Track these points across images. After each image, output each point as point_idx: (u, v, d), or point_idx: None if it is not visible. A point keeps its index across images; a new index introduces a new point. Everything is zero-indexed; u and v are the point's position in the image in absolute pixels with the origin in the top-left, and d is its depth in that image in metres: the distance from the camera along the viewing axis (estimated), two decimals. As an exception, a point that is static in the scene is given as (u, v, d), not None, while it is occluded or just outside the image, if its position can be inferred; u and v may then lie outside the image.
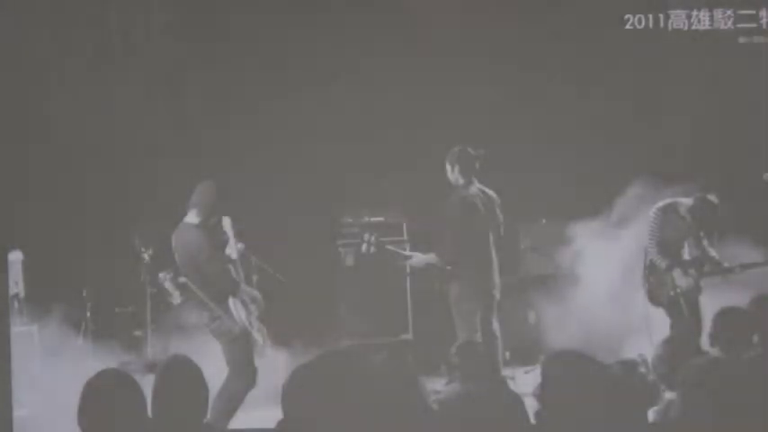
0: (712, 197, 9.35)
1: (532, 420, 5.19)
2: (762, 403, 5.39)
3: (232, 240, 8.64)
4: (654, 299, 9.41)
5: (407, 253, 10.14)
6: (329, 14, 10.82)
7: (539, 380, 5.08)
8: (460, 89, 10.84)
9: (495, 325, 9.41)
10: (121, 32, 11.01)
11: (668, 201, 9.42)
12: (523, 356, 10.28)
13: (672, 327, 9.22)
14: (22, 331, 9.41)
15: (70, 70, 10.72)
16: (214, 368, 7.75)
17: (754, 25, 10.91)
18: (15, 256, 9.67)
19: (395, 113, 10.93)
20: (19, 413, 8.64)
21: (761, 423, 5.23)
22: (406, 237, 11.06)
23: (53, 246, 10.23)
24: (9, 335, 8.79)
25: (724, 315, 6.94)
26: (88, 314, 10.16)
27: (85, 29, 10.85)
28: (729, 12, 10.91)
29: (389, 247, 10.40)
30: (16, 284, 9.67)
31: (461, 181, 9.40)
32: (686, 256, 9.42)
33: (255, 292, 8.85)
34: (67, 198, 10.48)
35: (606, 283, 9.85)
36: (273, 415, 4.96)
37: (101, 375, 5.10)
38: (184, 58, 11.07)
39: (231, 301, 8.51)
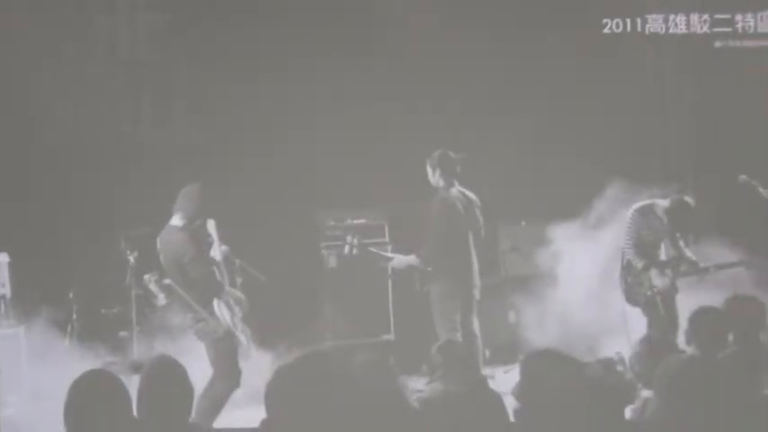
0: (688, 198, 9.39)
1: (512, 418, 5.21)
2: (737, 400, 5.42)
3: (216, 243, 8.63)
4: (631, 298, 9.44)
5: (389, 254, 10.17)
6: (313, 22, 10.82)
7: (518, 378, 5.10)
8: (441, 94, 10.86)
9: (476, 325, 9.44)
10: (109, 39, 11.00)
11: (645, 202, 9.45)
12: (503, 355, 10.30)
13: (649, 326, 9.25)
14: (9, 333, 9.38)
15: (58, 77, 10.70)
16: (199, 369, 7.75)
17: (729, 29, 10.96)
18: (2, 259, 9.65)
19: (377, 118, 10.95)
20: (5, 413, 8.63)
21: (736, 420, 5.26)
22: (387, 239, 11.08)
23: (39, 248, 10.21)
24: (-5, 337, 8.78)
25: (700, 314, 6.96)
26: (74, 316, 10.14)
27: (74, 35, 10.83)
28: (706, 16, 10.96)
29: (372, 248, 10.44)
30: (3, 286, 9.64)
31: (442, 184, 9.42)
32: (663, 256, 9.46)
33: (239, 294, 8.85)
34: (54, 201, 10.47)
35: (584, 283, 9.88)
36: (257, 414, 4.97)
37: (87, 376, 5.10)
38: (170, 65, 11.07)
39: (215, 302, 8.51)
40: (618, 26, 10.94)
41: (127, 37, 11.03)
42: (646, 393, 6.85)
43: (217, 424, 8.28)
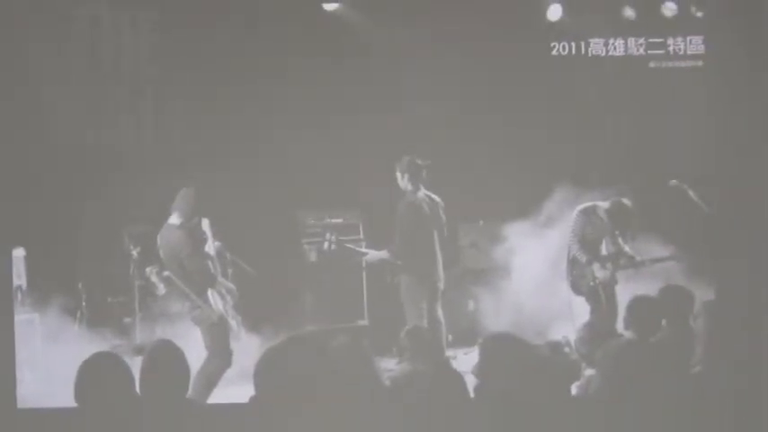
0: (626, 201, 9.43)
1: (471, 394, 5.22)
2: (669, 378, 5.46)
3: (210, 239, 8.62)
4: (576, 288, 9.46)
5: (363, 250, 10.17)
6: (293, 36, 10.79)
7: (477, 359, 5.11)
8: (409, 108, 10.85)
9: (440, 312, 9.45)
10: (114, 56, 10.93)
11: (588, 204, 9.49)
12: (464, 339, 10.29)
13: (591, 312, 9.28)
14: (25, 319, 9.32)
15: (68, 91, 10.62)
16: (195, 351, 7.73)
17: (662, 52, 11.00)
18: (19, 252, 9.59)
19: (352, 129, 10.94)
20: (22, 390, 8.57)
21: (668, 395, 5.29)
22: (362, 236, 11.06)
23: (52, 243, 10.14)
24: (13, 322, 8.71)
25: (636, 302, 6.99)
26: (83, 304, 10.08)
27: (82, 52, 10.75)
28: (641, 40, 10.99)
29: (348, 245, 10.43)
30: (19, 277, 9.58)
31: (410, 187, 9.44)
32: (604, 251, 9.49)
33: (231, 285, 8.83)
34: (65, 201, 10.40)
35: (535, 275, 9.89)
36: (247, 391, 4.97)
37: (95, 357, 5.09)
38: (168, 80, 11.01)
39: (209, 292, 8.49)
40: (564, 49, 10.95)
41: (130, 54, 10.97)
42: (589, 372, 6.88)
43: (211, 400, 8.26)
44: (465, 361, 9.33)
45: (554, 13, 11.05)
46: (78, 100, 10.73)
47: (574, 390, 6.60)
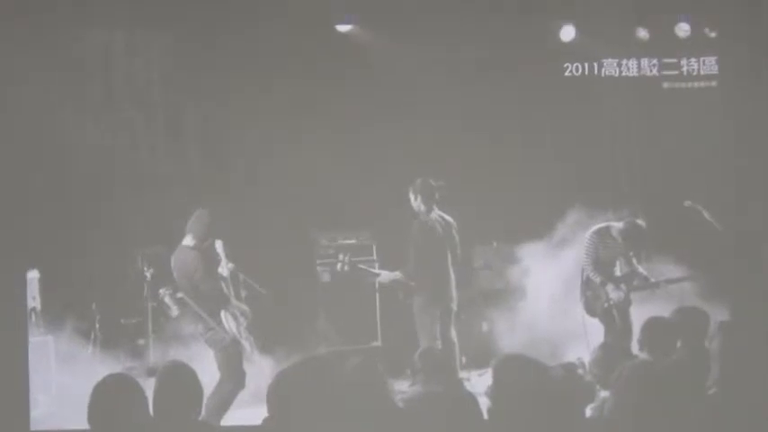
0: (640, 221, 9.41)
1: (485, 416, 5.19)
2: (684, 400, 5.43)
3: (223, 261, 8.62)
4: (590, 310, 9.44)
5: (376, 271, 10.17)
6: (307, 61, 10.83)
7: (491, 381, 5.09)
8: (423, 130, 10.87)
9: (453, 333, 9.42)
10: (129, 83, 11.00)
11: (602, 225, 9.47)
12: (477, 360, 10.26)
13: (606, 334, 9.25)
14: (39, 341, 9.34)
15: (84, 117, 10.68)
16: (208, 372, 7.72)
17: (676, 72, 10.99)
18: (33, 275, 9.63)
19: (366, 151, 10.97)
20: (35, 412, 8.58)
21: (683, 417, 5.26)
22: (375, 257, 11.06)
23: (66, 265, 10.17)
24: (27, 344, 8.73)
25: (651, 323, 6.97)
26: (97, 325, 10.10)
27: (92, 73, 10.82)
28: (655, 60, 11.00)
29: (361, 266, 10.43)
30: (34, 299, 9.61)
31: (423, 208, 9.44)
32: (618, 272, 9.47)
33: (244, 306, 8.82)
34: (79, 223, 10.43)
35: (549, 296, 9.88)
36: (260, 413, 4.96)
37: (108, 379, 5.08)
38: (182, 106, 11.07)
39: (223, 313, 8.49)
40: (577, 69, 10.96)
41: (143, 77, 11.04)
42: (604, 394, 6.84)
43: (224, 421, 8.25)
44: (479, 383, 9.30)
45: (567, 34, 11.06)
46: (92, 122, 10.79)
47: (588, 412, 6.56)
